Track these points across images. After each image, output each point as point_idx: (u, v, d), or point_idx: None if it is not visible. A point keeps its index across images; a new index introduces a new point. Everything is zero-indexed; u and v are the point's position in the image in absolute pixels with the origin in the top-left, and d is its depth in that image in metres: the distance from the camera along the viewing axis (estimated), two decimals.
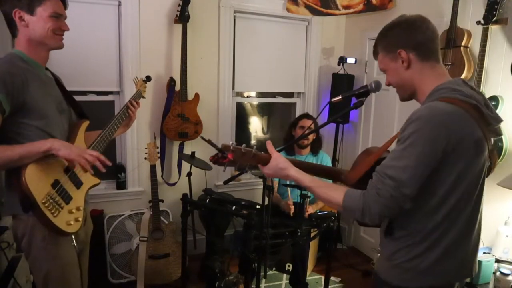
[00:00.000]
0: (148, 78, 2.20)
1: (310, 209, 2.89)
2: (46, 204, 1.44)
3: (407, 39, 1.29)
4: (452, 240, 1.22)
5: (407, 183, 1.13)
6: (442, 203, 1.20)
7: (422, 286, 1.26)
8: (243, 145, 1.37)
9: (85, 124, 1.75)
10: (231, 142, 1.36)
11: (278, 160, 1.37)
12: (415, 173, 1.14)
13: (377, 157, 1.30)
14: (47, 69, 1.66)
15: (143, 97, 2.10)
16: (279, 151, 2.14)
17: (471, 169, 1.20)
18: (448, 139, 1.13)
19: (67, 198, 1.55)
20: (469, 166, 1.19)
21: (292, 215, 2.77)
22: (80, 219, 1.59)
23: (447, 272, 1.26)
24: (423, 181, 1.16)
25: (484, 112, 1.21)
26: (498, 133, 1.31)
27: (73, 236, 1.61)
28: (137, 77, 2.18)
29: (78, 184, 1.63)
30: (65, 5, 1.61)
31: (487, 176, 1.32)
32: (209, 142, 1.46)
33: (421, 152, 1.13)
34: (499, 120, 1.27)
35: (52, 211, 1.46)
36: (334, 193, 1.27)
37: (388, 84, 1.40)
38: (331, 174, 1.74)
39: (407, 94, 1.36)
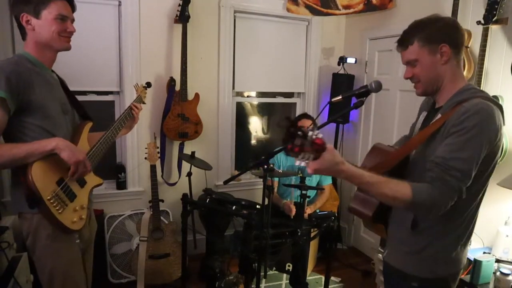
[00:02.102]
0: (148, 85, 2.23)
1: (309, 210, 2.89)
2: (52, 201, 1.47)
3: (453, 35, 1.32)
4: (471, 229, 1.35)
5: (470, 174, 1.19)
6: (478, 194, 1.30)
7: (449, 273, 1.35)
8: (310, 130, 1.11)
9: (89, 125, 1.78)
10: (309, 126, 1.11)
11: (334, 152, 1.14)
12: (475, 165, 1.20)
13: (407, 152, 1.34)
14: (52, 71, 1.68)
15: (144, 103, 2.12)
16: (278, 151, 2.15)
17: (494, 164, 1.30)
18: (498, 136, 1.22)
19: (72, 196, 1.58)
20: (495, 162, 1.29)
21: (292, 217, 2.78)
22: (84, 217, 1.62)
23: (463, 259, 1.37)
24: None
25: (503, 112, 1.28)
26: None
27: (77, 234, 1.63)
28: (137, 83, 2.20)
29: (82, 182, 1.66)
30: (73, 8, 1.63)
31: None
32: (296, 129, 1.05)
33: (482, 145, 1.19)
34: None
35: (57, 208, 1.49)
36: (401, 187, 1.20)
37: (409, 77, 1.38)
38: None
39: (433, 89, 1.37)
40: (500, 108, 1.27)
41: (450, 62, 1.32)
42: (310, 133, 1.03)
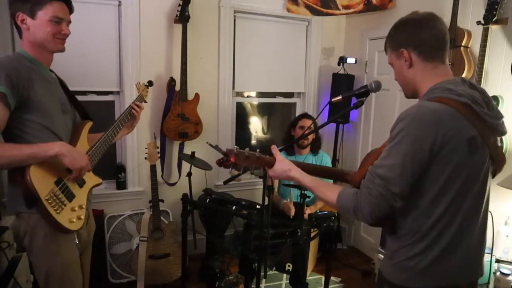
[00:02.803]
0: (150, 83, 2.22)
1: (308, 210, 2.89)
2: (50, 201, 1.47)
3: (411, 38, 1.28)
4: (450, 240, 1.21)
5: (395, 181, 1.15)
6: (436, 202, 1.19)
7: (422, 287, 1.25)
8: (247, 149, 1.48)
9: (89, 125, 1.78)
10: (235, 147, 1.47)
11: (282, 163, 1.47)
12: (403, 171, 1.14)
13: (376, 157, 1.31)
14: (51, 71, 1.68)
15: (145, 101, 2.12)
16: (279, 151, 2.15)
17: (466, 168, 1.19)
18: (435, 137, 1.13)
19: (70, 196, 1.58)
20: (463, 164, 1.18)
21: (292, 217, 2.78)
22: (82, 217, 1.61)
23: (446, 273, 1.24)
24: (413, 180, 1.16)
25: (476, 110, 1.19)
26: (501, 131, 1.29)
27: (75, 235, 1.63)
28: (139, 82, 2.19)
29: (81, 182, 1.66)
30: (70, 10, 1.63)
31: (493, 177, 1.32)
32: (215, 147, 1.63)
33: (407, 150, 1.14)
34: (498, 117, 1.25)
35: (55, 208, 1.48)
36: (330, 192, 1.32)
37: (396, 80, 1.41)
38: (337, 175, 1.76)
39: (409, 92, 1.37)
40: (466, 105, 1.17)
41: (416, 65, 1.29)
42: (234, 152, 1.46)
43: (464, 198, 1.21)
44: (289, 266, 2.76)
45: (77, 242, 1.65)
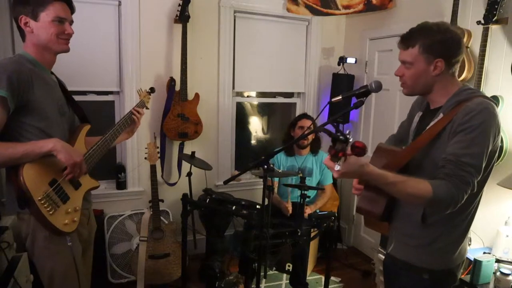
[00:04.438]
0: (152, 90, 2.22)
1: (308, 210, 2.89)
2: (42, 202, 1.46)
3: (452, 53, 1.35)
4: (472, 222, 1.41)
5: (481, 169, 1.26)
6: (482, 187, 1.36)
7: (456, 264, 1.41)
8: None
9: (86, 128, 1.77)
10: (347, 131, 1.19)
11: (358, 156, 1.23)
12: (484, 160, 1.26)
13: (414, 153, 1.37)
14: (52, 73, 1.68)
15: (147, 108, 2.11)
16: (278, 151, 2.15)
17: (493, 158, 1.34)
18: (497, 129, 1.29)
19: (64, 198, 1.57)
20: (495, 159, 1.35)
21: (289, 215, 2.78)
22: (76, 219, 1.60)
23: (467, 250, 1.45)
24: None
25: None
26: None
27: (68, 237, 1.60)
28: (141, 89, 2.19)
29: (76, 185, 1.65)
30: (72, 10, 1.63)
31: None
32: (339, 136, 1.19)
33: (488, 140, 1.26)
34: None
35: (48, 209, 1.48)
36: (422, 185, 1.24)
37: (400, 75, 1.42)
38: None
39: (419, 92, 1.44)
40: (496, 105, 1.34)
41: (442, 74, 1.36)
42: (351, 138, 1.13)
43: (484, 186, 1.39)
44: (289, 266, 2.76)
45: (71, 244, 1.63)
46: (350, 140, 1.13)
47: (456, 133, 1.27)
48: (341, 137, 1.12)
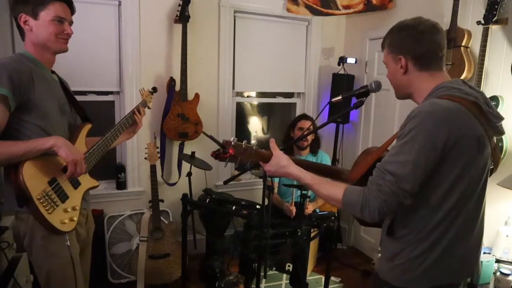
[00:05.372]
0: (155, 90, 2.23)
1: (310, 206, 2.89)
2: (41, 201, 1.46)
3: (410, 47, 1.29)
4: (451, 239, 1.22)
5: (407, 178, 1.13)
6: (444, 200, 1.19)
7: (425, 287, 1.25)
8: (244, 141, 1.39)
9: (87, 127, 1.78)
10: (232, 138, 1.37)
11: (280, 157, 1.38)
12: (415, 168, 1.13)
13: (378, 155, 1.31)
14: (53, 72, 1.69)
15: (149, 107, 2.11)
16: None
17: (473, 166, 1.20)
18: (448, 134, 1.13)
19: (63, 197, 1.57)
20: (472, 162, 1.19)
21: (293, 217, 2.78)
22: (75, 218, 1.60)
23: (446, 273, 1.25)
24: (424, 177, 1.15)
25: (484, 109, 1.21)
26: (501, 132, 1.31)
27: (66, 236, 1.60)
28: (143, 88, 2.19)
29: (75, 184, 1.65)
30: (72, 10, 1.64)
31: (489, 176, 1.32)
32: (210, 137, 1.51)
33: (421, 147, 1.13)
34: (500, 117, 1.27)
35: (47, 208, 1.47)
36: (335, 189, 1.27)
37: (388, 78, 1.41)
38: (331, 173, 1.73)
39: (400, 94, 1.40)
40: (475, 104, 1.19)
41: (411, 72, 1.30)
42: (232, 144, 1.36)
43: (468, 197, 1.22)
44: (289, 266, 2.76)
45: (69, 243, 1.62)
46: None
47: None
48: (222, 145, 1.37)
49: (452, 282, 1.28)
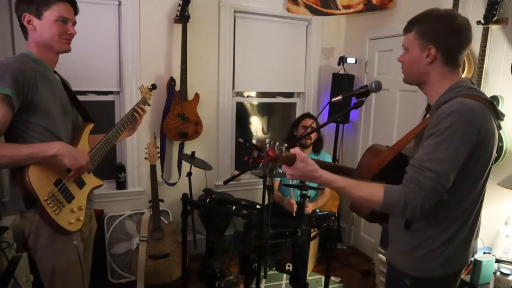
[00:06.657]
0: (154, 86, 2.24)
1: (310, 206, 2.89)
2: (48, 202, 1.47)
3: (444, 40, 1.30)
4: (468, 230, 1.31)
5: (447, 174, 1.19)
6: (469, 193, 1.28)
7: (442, 275, 1.33)
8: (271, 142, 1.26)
9: (90, 126, 1.79)
10: (267, 140, 1.20)
11: (307, 161, 1.25)
12: (453, 165, 1.19)
13: (393, 153, 1.33)
14: (55, 72, 1.69)
15: (148, 104, 2.12)
16: None
17: (490, 160, 1.28)
18: (478, 132, 1.20)
19: (69, 197, 1.58)
20: (490, 156, 1.27)
21: (294, 214, 2.78)
22: (81, 218, 1.62)
23: (462, 260, 1.35)
24: (458, 172, 1.22)
25: (497, 107, 1.29)
26: (500, 127, 1.38)
27: (74, 236, 1.63)
28: (142, 85, 2.20)
29: (81, 184, 1.66)
30: (75, 10, 1.65)
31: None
32: (250, 144, 1.35)
33: (458, 145, 1.19)
34: (503, 115, 1.35)
35: (54, 209, 1.49)
36: (373, 190, 1.24)
37: (400, 61, 1.41)
38: (342, 171, 1.75)
39: (413, 81, 1.40)
40: (493, 106, 1.27)
41: (436, 64, 1.31)
42: (268, 146, 1.17)
43: (483, 189, 1.32)
44: (289, 266, 2.76)
45: (76, 243, 1.64)
46: (267, 148, 1.17)
47: (427, 137, 1.24)
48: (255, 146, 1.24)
49: (461, 268, 1.38)
